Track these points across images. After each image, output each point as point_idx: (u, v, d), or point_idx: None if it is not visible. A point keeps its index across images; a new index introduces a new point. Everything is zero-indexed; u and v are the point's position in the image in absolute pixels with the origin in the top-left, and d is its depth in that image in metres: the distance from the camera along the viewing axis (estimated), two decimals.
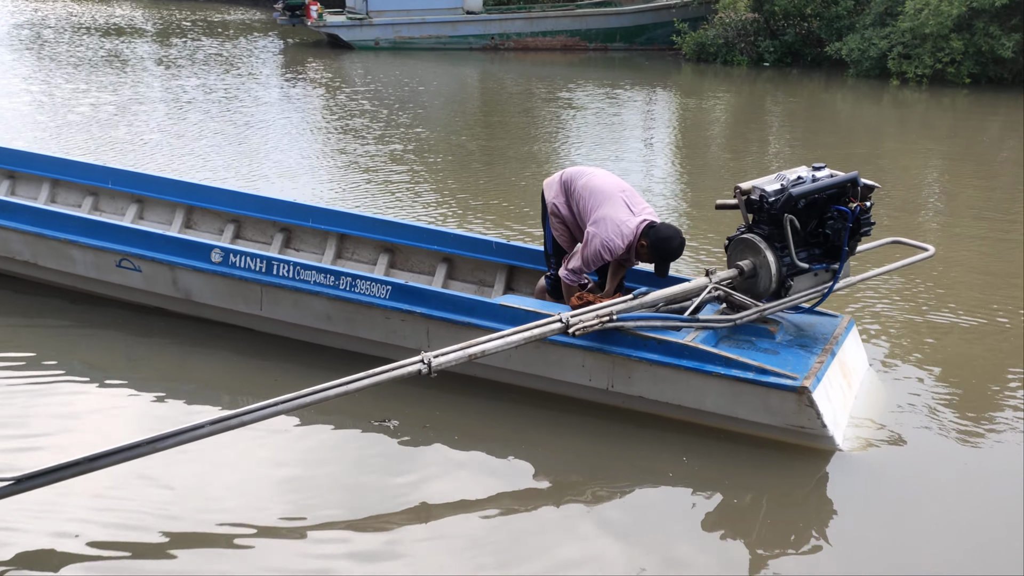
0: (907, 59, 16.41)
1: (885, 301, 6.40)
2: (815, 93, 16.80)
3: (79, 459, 3.61)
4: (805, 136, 13.19)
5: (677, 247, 4.86)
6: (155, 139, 11.28)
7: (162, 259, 5.55)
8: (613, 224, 4.86)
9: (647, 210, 5.00)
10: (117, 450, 3.65)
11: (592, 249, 4.90)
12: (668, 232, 4.86)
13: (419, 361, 4.07)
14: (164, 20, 26.07)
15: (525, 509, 4.07)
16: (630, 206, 4.94)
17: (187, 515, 3.92)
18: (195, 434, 3.76)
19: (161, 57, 19.00)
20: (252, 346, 5.47)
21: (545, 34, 22.27)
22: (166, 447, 3.72)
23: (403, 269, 6.30)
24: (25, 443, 4.41)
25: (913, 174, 10.61)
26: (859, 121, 14.58)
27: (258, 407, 3.84)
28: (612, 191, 5.00)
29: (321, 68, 18.66)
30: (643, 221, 4.90)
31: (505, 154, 11.30)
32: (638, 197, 5.07)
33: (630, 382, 4.62)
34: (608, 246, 4.86)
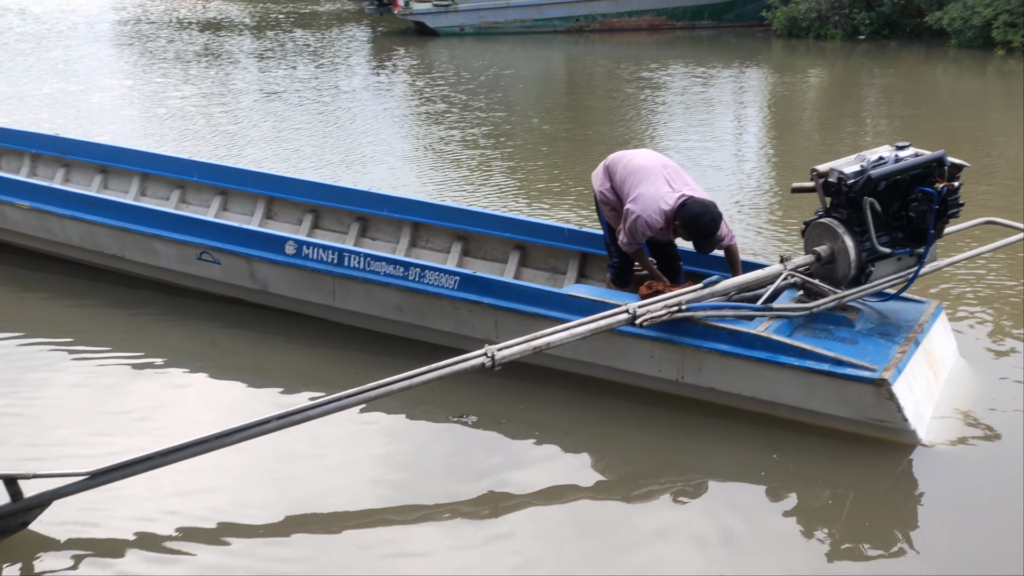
0: (1013, 27, 15.56)
1: (980, 285, 6.08)
2: (914, 66, 16.11)
3: (152, 454, 3.70)
4: (903, 112, 12.66)
5: (709, 223, 4.66)
6: (239, 130, 11.53)
7: (239, 251, 5.66)
8: (651, 200, 4.74)
9: (689, 186, 4.83)
10: (187, 445, 3.73)
11: (630, 224, 4.80)
12: (697, 208, 4.67)
13: (483, 354, 4.04)
14: (258, 14, 26.62)
15: (599, 504, 4.02)
16: (670, 181, 4.80)
17: (265, 505, 3.99)
18: (262, 429, 3.82)
19: (253, 49, 19.42)
20: (326, 336, 5.53)
21: (631, 14, 21.92)
22: (233, 442, 3.78)
23: (476, 257, 6.28)
24: (112, 427, 4.58)
25: (1019, 149, 10.07)
26: (961, 94, 13.92)
27: (322, 402, 3.87)
28: (653, 167, 4.88)
29: (406, 55, 18.80)
30: (681, 196, 4.73)
31: (588, 138, 11.18)
32: (683, 173, 4.93)
33: (700, 373, 4.51)
34: (648, 222, 4.74)
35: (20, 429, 4.55)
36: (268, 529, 3.83)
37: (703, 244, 4.77)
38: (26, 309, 6.07)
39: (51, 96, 13.87)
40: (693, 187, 4.85)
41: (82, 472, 3.64)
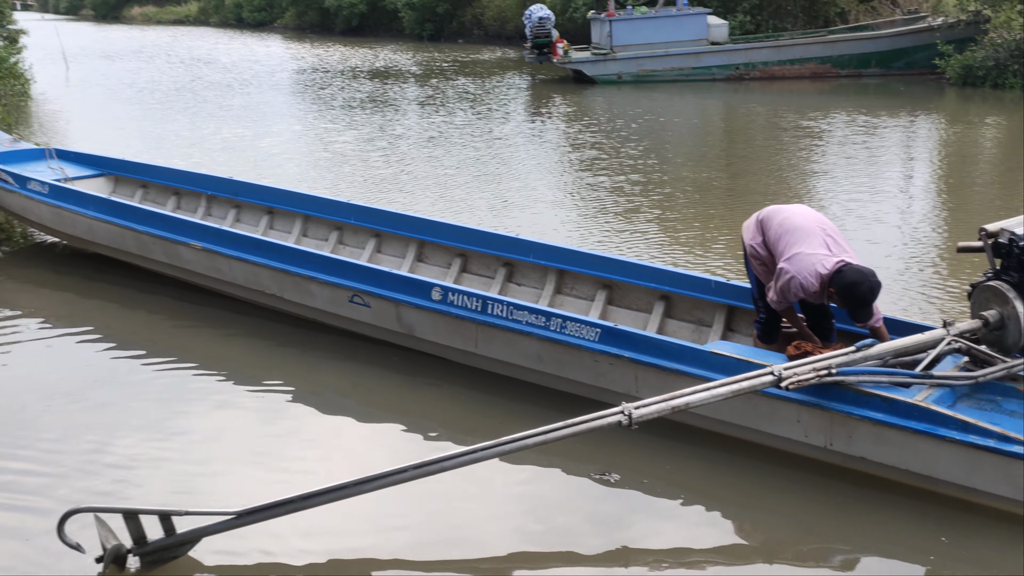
0: None
1: None
2: None
3: (294, 497, 3.81)
4: None
5: (866, 292, 4.43)
6: (393, 174, 11.93)
7: (388, 296, 5.81)
8: (808, 262, 4.55)
9: (848, 252, 4.62)
10: (327, 490, 3.82)
11: (783, 284, 4.62)
12: (854, 276, 4.45)
13: (620, 412, 3.97)
14: (424, 62, 27.69)
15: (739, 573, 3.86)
16: (829, 245, 4.61)
17: (404, 550, 4.04)
18: (399, 478, 3.87)
19: (415, 96, 20.16)
20: (468, 381, 5.58)
21: (793, 62, 21.50)
22: (371, 489, 3.85)
23: (621, 306, 6.22)
24: (256, 462, 4.76)
25: None
26: None
27: (459, 454, 3.91)
28: (812, 228, 4.70)
29: (562, 103, 19.04)
30: (839, 262, 4.52)
31: (742, 188, 10.96)
32: (841, 237, 4.73)
33: (851, 442, 4.27)
34: (803, 284, 4.55)
35: (175, 465, 4.76)
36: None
37: (858, 313, 4.57)
38: (193, 342, 6.41)
39: (227, 140, 14.81)
40: (851, 254, 4.66)
41: (230, 511, 3.78)
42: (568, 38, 23.95)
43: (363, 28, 40.65)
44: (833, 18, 24.36)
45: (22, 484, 4.50)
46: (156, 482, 4.54)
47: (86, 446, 4.88)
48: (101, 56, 32.84)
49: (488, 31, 34.15)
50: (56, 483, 4.50)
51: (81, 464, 4.71)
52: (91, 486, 4.48)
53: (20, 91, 18.77)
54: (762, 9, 24.39)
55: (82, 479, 4.56)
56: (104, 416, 5.23)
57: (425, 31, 36.12)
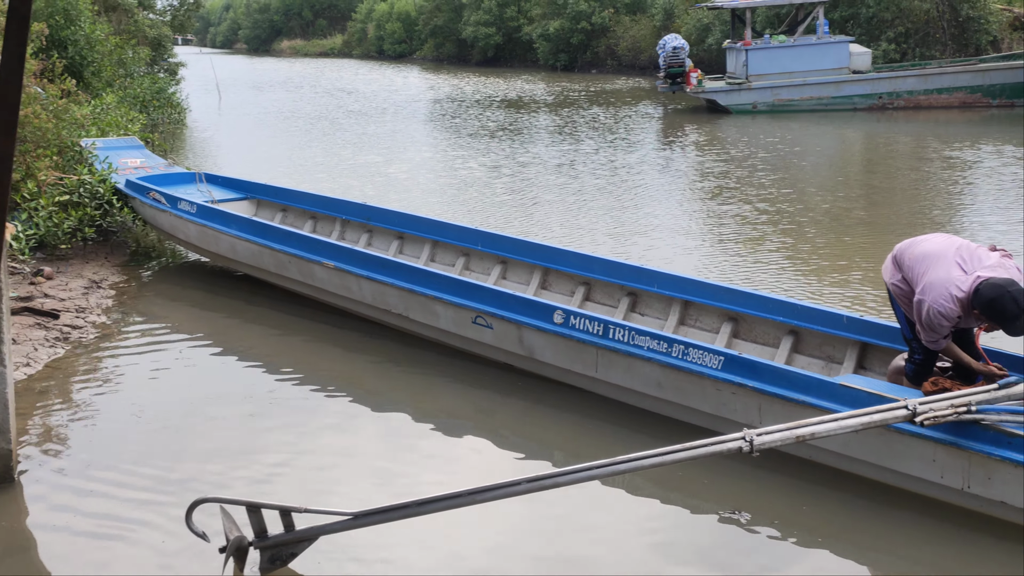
0: None
1: None
2: None
3: (409, 503, 3.88)
4: None
5: (1009, 303, 4.11)
6: (520, 200, 12.06)
7: (511, 318, 5.86)
8: (941, 286, 4.30)
9: (988, 266, 4.31)
10: (442, 498, 3.86)
11: (924, 317, 4.36)
12: (991, 292, 4.15)
13: (741, 438, 3.87)
14: (556, 92, 27.95)
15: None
16: (963, 264, 4.34)
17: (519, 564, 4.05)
18: (513, 490, 3.87)
19: (546, 125, 20.34)
20: (588, 408, 5.56)
21: (940, 91, 20.64)
22: (484, 500, 3.87)
23: (746, 339, 6.07)
24: (375, 475, 4.88)
25: None
26: None
27: (574, 470, 3.88)
28: (942, 252, 4.44)
29: (693, 132, 18.85)
30: (976, 278, 4.24)
31: (884, 219, 10.56)
32: (981, 253, 4.41)
33: (990, 484, 4.03)
34: (941, 312, 4.29)
35: (303, 473, 4.94)
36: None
37: (1010, 328, 4.25)
38: (322, 360, 6.63)
39: (360, 165, 15.32)
40: (994, 264, 4.34)
41: (347, 512, 3.88)
42: (703, 68, 23.76)
43: (498, 59, 41.44)
44: (985, 46, 23.30)
45: (164, 478, 4.79)
46: (283, 488, 4.71)
47: (224, 452, 5.11)
48: (251, 87, 34.58)
49: (622, 61, 34.22)
50: (200, 483, 4.73)
51: (223, 467, 4.95)
52: (228, 483, 4.72)
53: (176, 119, 19.98)
54: (908, 37, 23.57)
55: (223, 478, 4.81)
56: (239, 428, 5.47)
57: (559, 61, 36.51)
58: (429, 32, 47.34)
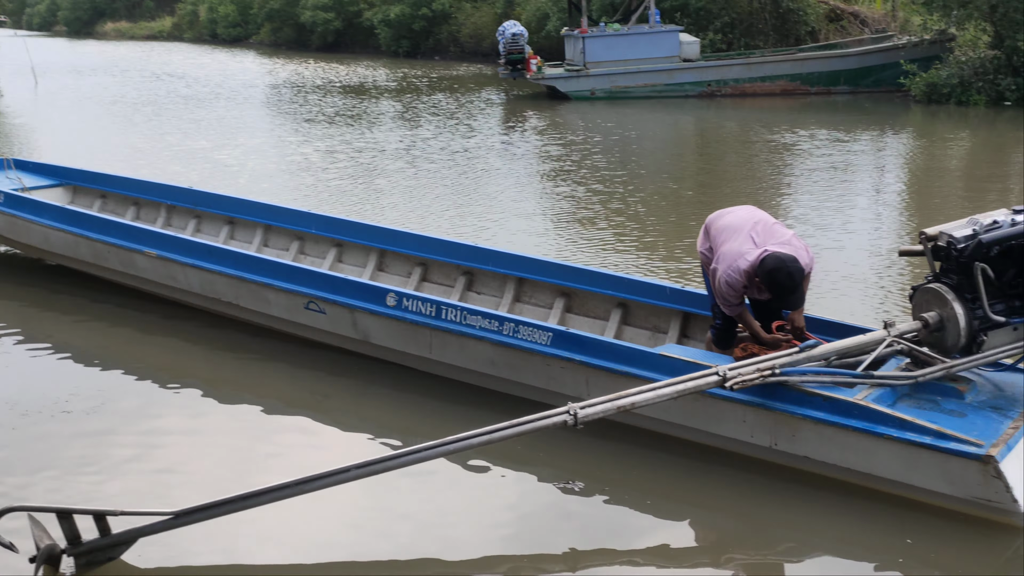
0: None
1: None
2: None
3: (234, 497, 3.79)
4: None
5: (784, 278, 4.43)
6: (358, 185, 11.95)
7: (344, 302, 5.81)
8: (731, 257, 4.60)
9: (776, 241, 4.60)
10: (268, 490, 3.81)
11: (716, 285, 4.67)
12: (772, 263, 4.45)
13: (565, 412, 4.00)
14: (398, 78, 27.73)
15: (668, 569, 3.89)
16: (755, 238, 4.62)
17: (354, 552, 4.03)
18: (342, 477, 3.87)
19: (386, 111, 20.17)
20: (423, 387, 5.59)
21: (764, 79, 21.71)
22: (313, 489, 3.85)
23: (579, 314, 6.26)
24: (206, 467, 4.74)
25: None
26: None
27: (402, 453, 3.91)
28: (741, 225, 4.73)
29: (535, 118, 19.13)
30: (762, 252, 4.53)
31: (713, 200, 11.00)
32: (776, 229, 4.70)
33: (795, 441, 4.31)
34: (728, 281, 4.59)
35: (129, 465, 4.76)
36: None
37: (785, 301, 4.58)
38: (146, 352, 6.37)
39: (188, 151, 14.78)
40: (784, 242, 4.64)
41: (167, 512, 3.76)
42: (542, 55, 24.05)
43: (339, 45, 40.65)
44: (804, 36, 24.61)
45: None
46: (109, 487, 4.52)
47: (46, 457, 4.84)
48: (71, 71, 32.65)
49: (464, 48, 34.25)
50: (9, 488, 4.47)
51: (34, 471, 4.68)
52: (44, 491, 4.46)
53: None
54: (734, 27, 24.64)
55: (37, 484, 4.54)
56: (59, 427, 5.19)
57: (401, 48, 36.18)
58: (265, 16, 45.89)
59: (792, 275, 4.45)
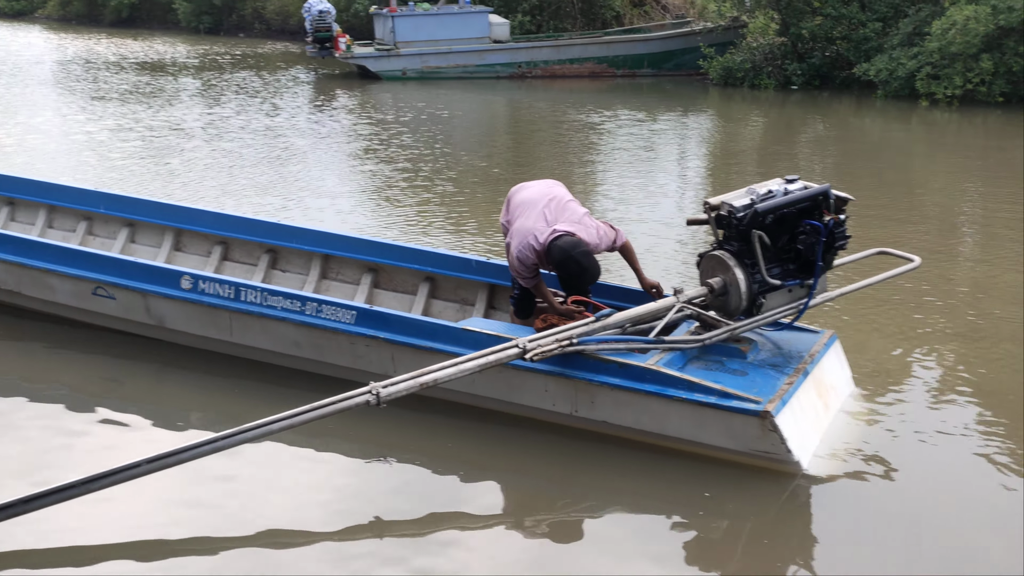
0: (936, 79, 16.06)
1: (880, 316, 6.14)
2: (844, 115, 16.49)
3: (12, 501, 3.54)
4: (836, 158, 12.86)
5: (572, 266, 4.58)
6: (154, 164, 11.40)
7: (134, 287, 5.52)
8: (524, 235, 4.71)
9: (566, 219, 4.72)
10: (48, 492, 3.58)
11: (510, 260, 4.79)
12: (558, 253, 4.60)
13: (368, 392, 3.96)
14: (199, 55, 26.54)
15: (486, 531, 3.96)
16: (547, 215, 4.74)
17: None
18: (131, 473, 3.70)
19: (188, 89, 19.29)
20: (226, 369, 5.40)
21: (572, 61, 22.25)
22: (98, 488, 3.65)
23: (387, 289, 6.22)
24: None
25: (944, 195, 10.29)
26: (889, 142, 14.27)
27: (198, 444, 3.76)
28: (537, 200, 4.83)
29: (345, 97, 18.81)
30: (552, 233, 4.66)
31: (523, 177, 11.14)
32: (568, 206, 4.81)
33: (593, 407, 4.46)
34: (520, 257, 4.71)
35: None
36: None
37: (575, 286, 4.70)
38: None
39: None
40: (572, 218, 4.75)
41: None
42: (352, 33, 23.67)
43: (135, 20, 38.43)
44: (610, 20, 25.39)
45: None
46: None
47: None
48: None
49: (270, 25, 33.16)
50: None
51: None
52: None
53: None
54: (542, 10, 25.08)
55: None
56: None
57: (203, 24, 34.61)
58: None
59: (579, 261, 4.59)
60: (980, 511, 4.02)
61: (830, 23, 18.52)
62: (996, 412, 4.91)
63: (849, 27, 18.38)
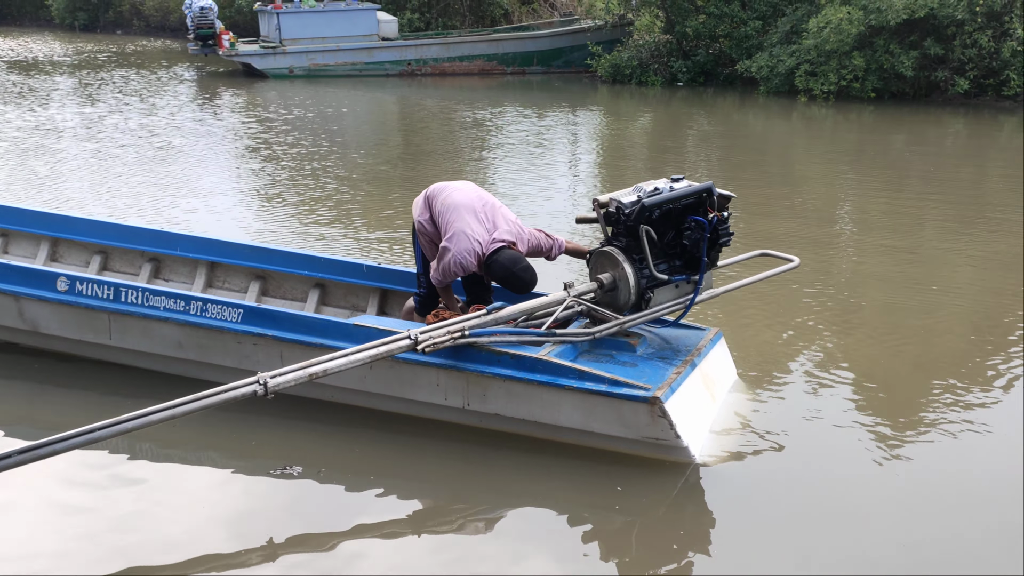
0: (813, 76, 16.69)
1: (764, 313, 6.35)
2: (728, 111, 16.97)
3: None
4: (721, 153, 13.24)
5: (514, 281, 4.67)
6: (22, 168, 10.92)
7: (7, 290, 5.27)
8: (466, 240, 4.69)
9: (505, 228, 4.78)
10: None
11: (444, 263, 4.74)
12: (500, 270, 4.68)
13: (255, 382, 3.86)
14: (74, 53, 25.50)
15: (389, 540, 3.89)
16: (484, 221, 4.77)
17: None
18: (2, 464, 3.49)
19: (60, 88, 18.51)
20: (106, 379, 5.20)
21: (462, 59, 22.27)
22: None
23: (276, 296, 6.09)
24: None
25: (822, 189, 10.69)
26: (771, 137, 14.75)
27: (73, 434, 3.58)
28: (470, 204, 4.82)
29: (229, 95, 18.37)
30: (493, 242, 4.72)
31: (417, 176, 11.14)
32: (498, 211, 4.86)
33: (485, 400, 4.47)
34: (461, 263, 4.70)
35: None
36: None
37: (517, 292, 4.78)
38: None
39: None
40: (509, 227, 4.80)
41: None
42: (237, 30, 23.19)
43: (3, 16, 36.71)
44: (499, 18, 25.51)
45: None
46: None
47: None
48: None
49: (150, 22, 32.17)
50: None
51: None
52: None
53: None
54: (431, 7, 25.02)
55: None
56: None
57: (78, 20, 33.33)
58: None
59: (520, 277, 4.67)
60: (866, 488, 4.19)
61: (713, 21, 19.05)
62: (872, 392, 5.13)
63: (731, 25, 18.93)
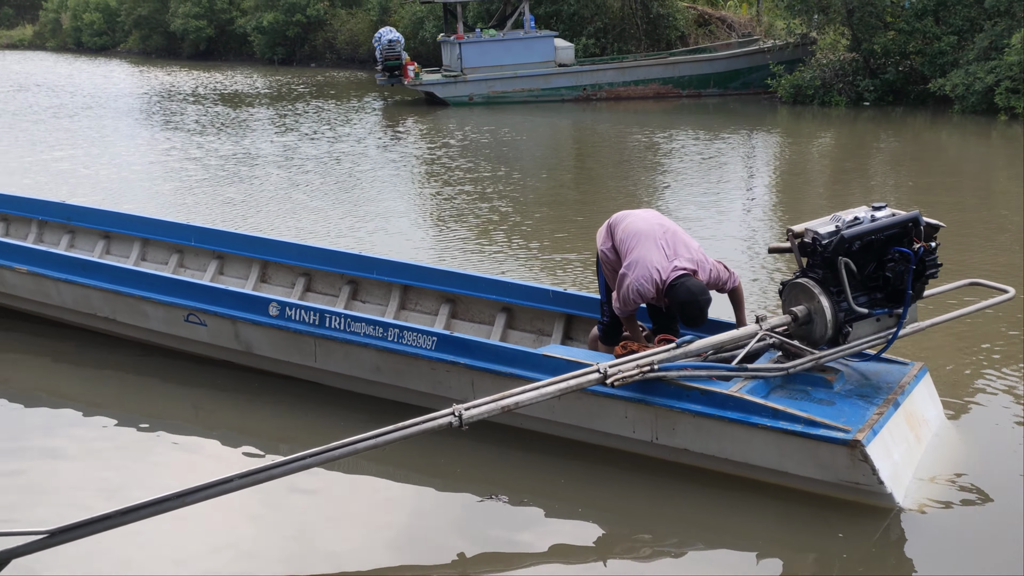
0: (1015, 94, 15.67)
1: (971, 348, 6.01)
2: (919, 132, 16.20)
3: (111, 513, 3.67)
4: (911, 176, 12.64)
5: (696, 311, 4.57)
6: (238, 194, 11.72)
7: (224, 313, 5.70)
8: (645, 268, 4.68)
9: (687, 256, 4.73)
10: (147, 504, 3.70)
11: (623, 291, 4.74)
12: (684, 295, 4.57)
13: (450, 414, 4.02)
14: (274, 86, 27.23)
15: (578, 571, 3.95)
16: (665, 248, 4.74)
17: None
18: (223, 488, 3.79)
19: (264, 119, 19.78)
20: (310, 397, 5.53)
21: (637, 83, 22.26)
22: (194, 501, 3.76)
23: (464, 319, 6.30)
24: (89, 491, 4.56)
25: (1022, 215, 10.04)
26: (967, 159, 13.96)
27: (287, 461, 3.85)
28: (651, 232, 4.80)
29: (414, 123, 19.10)
30: (675, 270, 4.66)
31: (594, 200, 11.25)
32: (681, 238, 4.82)
33: (674, 434, 4.45)
34: (639, 290, 4.68)
35: (12, 494, 4.54)
36: None
37: (690, 324, 4.72)
38: (19, 373, 6.10)
39: (53, 164, 14.20)
40: (691, 255, 4.74)
41: (41, 531, 3.61)
42: (420, 61, 24.07)
43: (212, 53, 39.61)
44: (674, 41, 25.35)
45: None
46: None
47: None
48: None
49: (341, 55, 33.90)
50: None
51: None
52: None
53: None
54: (606, 32, 25.17)
55: None
56: None
57: (277, 55, 35.51)
58: (133, 23, 44.33)
59: (702, 307, 4.59)
60: None
61: (903, 38, 18.24)
62: None
63: (923, 41, 18.07)
